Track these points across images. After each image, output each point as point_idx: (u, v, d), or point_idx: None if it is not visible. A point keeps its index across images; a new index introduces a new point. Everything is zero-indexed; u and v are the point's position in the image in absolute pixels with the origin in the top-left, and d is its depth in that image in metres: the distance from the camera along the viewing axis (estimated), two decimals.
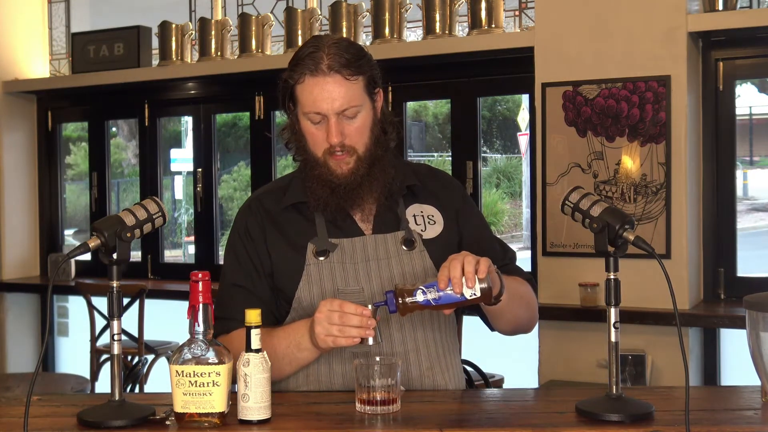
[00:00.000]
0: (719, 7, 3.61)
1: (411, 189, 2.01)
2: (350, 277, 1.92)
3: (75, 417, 1.65)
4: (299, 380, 1.99)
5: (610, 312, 1.66)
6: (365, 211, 1.97)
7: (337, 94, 1.86)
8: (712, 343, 3.78)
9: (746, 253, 3.76)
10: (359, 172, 1.90)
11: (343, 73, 1.86)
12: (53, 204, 5.58)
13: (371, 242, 1.95)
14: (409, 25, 4.48)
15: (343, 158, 1.89)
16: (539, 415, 1.73)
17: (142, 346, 4.41)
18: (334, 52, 1.86)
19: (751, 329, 1.63)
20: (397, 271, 1.93)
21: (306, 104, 1.89)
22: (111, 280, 1.68)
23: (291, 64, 1.92)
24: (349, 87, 1.87)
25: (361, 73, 1.89)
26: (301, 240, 1.95)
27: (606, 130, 3.70)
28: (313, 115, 1.88)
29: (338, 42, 1.90)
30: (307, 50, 1.89)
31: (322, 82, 1.86)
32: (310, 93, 1.87)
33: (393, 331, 1.93)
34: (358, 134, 1.90)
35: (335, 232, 1.95)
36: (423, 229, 1.98)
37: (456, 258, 1.72)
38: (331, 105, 1.86)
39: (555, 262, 3.70)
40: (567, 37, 3.78)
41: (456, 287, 1.69)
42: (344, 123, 1.88)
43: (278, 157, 5.11)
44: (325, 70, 1.85)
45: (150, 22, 5.12)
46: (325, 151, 1.90)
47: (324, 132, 1.88)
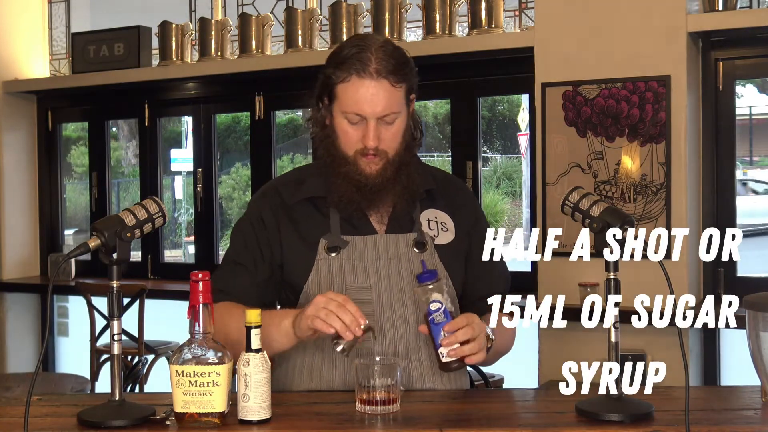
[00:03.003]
0: (719, 7, 3.61)
1: (428, 193, 2.02)
2: (359, 274, 1.93)
3: (75, 417, 1.65)
4: (300, 380, 1.99)
5: (610, 312, 1.66)
6: (381, 211, 1.98)
7: (381, 100, 1.86)
8: (712, 343, 3.79)
9: (746, 253, 3.75)
10: (386, 175, 1.91)
11: (390, 80, 1.86)
12: (53, 204, 5.58)
13: (383, 241, 1.96)
14: (409, 25, 4.48)
15: (374, 159, 1.90)
16: (539, 415, 1.73)
17: (142, 346, 4.41)
18: (382, 57, 1.87)
19: (751, 329, 1.63)
20: (406, 271, 1.94)
21: (347, 104, 1.88)
22: (111, 280, 1.68)
23: (335, 61, 1.91)
24: (393, 93, 1.88)
25: (405, 81, 1.90)
26: (314, 235, 1.95)
27: (606, 130, 3.70)
28: (352, 115, 1.89)
29: (384, 45, 1.90)
30: (353, 49, 1.88)
31: (368, 85, 1.86)
32: (354, 94, 1.87)
33: (396, 330, 1.93)
34: (393, 139, 1.91)
35: (348, 230, 1.96)
36: (435, 234, 1.99)
37: (474, 327, 1.77)
38: (373, 109, 1.87)
39: (555, 262, 3.70)
40: (567, 37, 3.78)
41: (449, 346, 1.76)
42: (382, 128, 1.89)
43: (278, 157, 5.11)
44: (373, 74, 1.86)
45: (150, 22, 5.12)
46: (357, 151, 1.91)
47: (360, 132, 1.89)
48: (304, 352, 1.96)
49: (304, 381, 1.96)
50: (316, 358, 1.95)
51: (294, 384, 1.98)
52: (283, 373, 2.00)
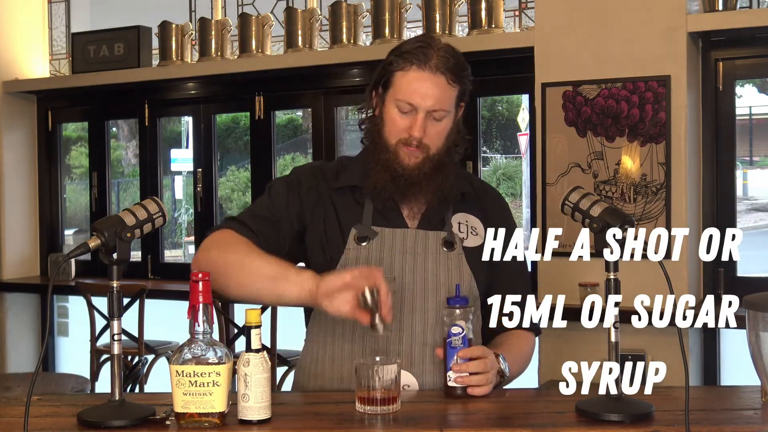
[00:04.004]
0: (719, 7, 3.61)
1: (463, 197, 2.05)
2: (386, 265, 1.95)
3: (75, 417, 1.65)
4: (301, 380, 2.00)
5: (610, 312, 1.66)
6: (414, 208, 2.01)
7: (434, 93, 1.91)
8: (712, 343, 3.79)
9: (746, 253, 3.75)
10: (424, 169, 1.95)
11: (447, 76, 1.92)
12: (53, 204, 5.58)
13: (412, 236, 1.98)
14: (409, 25, 4.48)
15: (414, 152, 1.94)
16: (539, 415, 1.73)
17: (142, 346, 4.41)
18: (443, 55, 1.93)
19: (751, 329, 1.63)
20: (432, 267, 1.97)
21: (402, 92, 1.93)
22: (111, 280, 1.68)
23: (397, 52, 1.97)
24: (446, 91, 1.93)
25: (460, 83, 1.95)
26: (347, 223, 1.98)
27: (606, 130, 3.70)
28: (404, 104, 1.93)
29: (447, 47, 1.96)
30: (417, 44, 1.95)
31: (425, 77, 1.91)
32: (410, 83, 1.92)
33: (414, 324, 1.95)
34: (437, 136, 1.95)
35: (380, 221, 1.99)
36: (465, 237, 2.02)
37: (486, 362, 1.81)
38: (425, 101, 1.91)
39: (555, 262, 3.70)
40: (567, 37, 3.78)
41: (459, 372, 1.80)
42: (429, 122, 1.93)
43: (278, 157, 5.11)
44: (433, 68, 1.91)
45: (150, 22, 5.12)
46: (399, 140, 1.94)
47: (407, 122, 1.93)
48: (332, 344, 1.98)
49: (306, 381, 1.99)
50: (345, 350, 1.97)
51: (296, 384, 2.01)
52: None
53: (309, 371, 2.00)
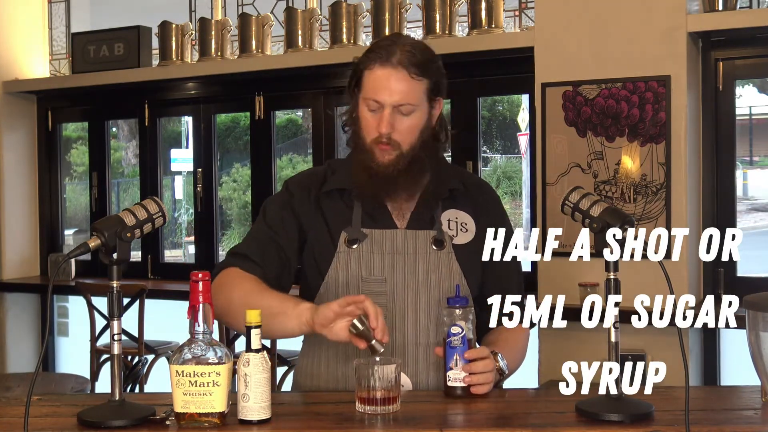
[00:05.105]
0: (719, 7, 3.61)
1: (452, 193, 2.05)
2: (376, 267, 1.96)
3: (75, 417, 1.65)
4: (300, 380, 2.00)
5: (610, 312, 1.66)
6: (403, 208, 2.02)
7: (398, 89, 1.92)
8: (712, 343, 3.79)
9: (746, 253, 3.75)
10: (398, 166, 1.95)
11: (409, 71, 1.92)
12: (53, 204, 5.58)
13: (401, 236, 1.99)
14: (409, 25, 4.48)
15: (387, 149, 1.94)
16: (539, 415, 1.73)
17: (142, 346, 4.41)
18: (408, 50, 1.93)
19: (751, 329, 1.63)
20: (422, 267, 1.98)
21: (368, 90, 1.94)
22: (111, 280, 1.68)
23: (366, 51, 1.98)
24: (411, 85, 1.92)
25: (426, 77, 1.95)
26: (337, 226, 1.99)
27: (606, 130, 3.70)
28: (371, 102, 1.94)
29: (414, 43, 1.97)
30: (384, 42, 1.97)
31: (388, 73, 1.92)
32: (374, 81, 1.93)
33: (406, 324, 1.95)
34: (408, 132, 1.95)
35: (369, 223, 1.99)
36: (455, 234, 2.02)
37: (489, 361, 1.82)
38: (391, 97, 1.92)
39: (555, 262, 3.70)
40: (567, 37, 3.78)
41: (465, 372, 1.80)
42: (397, 117, 1.93)
43: (278, 157, 5.11)
44: (394, 63, 1.92)
45: (150, 22, 5.12)
46: (373, 139, 1.95)
47: (377, 120, 1.94)
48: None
49: (306, 381, 1.99)
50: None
51: (296, 384, 2.01)
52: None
53: (308, 371, 2.00)
